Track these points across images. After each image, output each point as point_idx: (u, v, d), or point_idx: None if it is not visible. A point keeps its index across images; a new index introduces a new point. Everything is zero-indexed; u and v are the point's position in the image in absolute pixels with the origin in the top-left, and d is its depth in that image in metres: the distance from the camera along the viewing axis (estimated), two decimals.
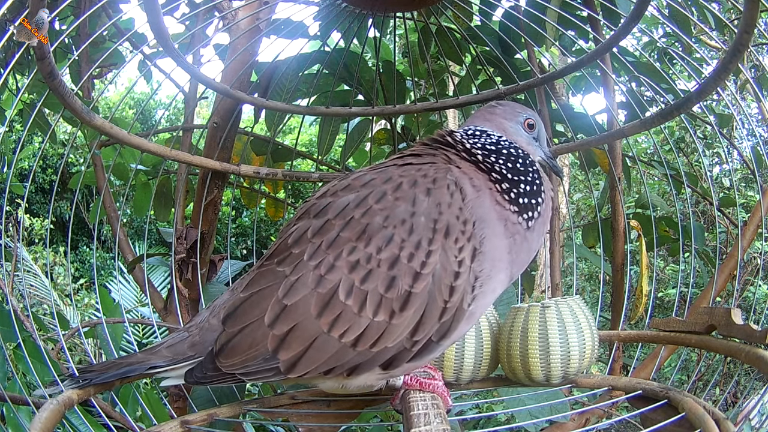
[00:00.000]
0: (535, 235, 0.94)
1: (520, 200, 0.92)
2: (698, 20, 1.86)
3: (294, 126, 5.24)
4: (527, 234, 0.92)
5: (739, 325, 1.01)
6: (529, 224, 0.92)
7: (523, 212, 0.92)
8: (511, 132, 1.00)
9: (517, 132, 1.00)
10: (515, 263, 0.92)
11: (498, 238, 0.89)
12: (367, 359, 0.85)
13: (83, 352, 3.88)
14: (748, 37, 0.90)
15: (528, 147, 1.00)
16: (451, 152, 0.96)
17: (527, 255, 0.94)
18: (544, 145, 1.04)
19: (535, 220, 0.93)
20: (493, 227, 0.88)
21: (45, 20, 0.82)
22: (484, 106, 1.07)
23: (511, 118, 1.01)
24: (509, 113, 1.02)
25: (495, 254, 0.88)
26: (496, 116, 1.02)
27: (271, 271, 0.89)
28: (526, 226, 0.92)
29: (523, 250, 0.92)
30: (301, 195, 5.24)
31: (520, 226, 0.91)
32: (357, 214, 0.86)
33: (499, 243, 0.89)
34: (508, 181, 0.93)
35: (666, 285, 5.24)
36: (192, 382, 0.91)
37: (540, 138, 1.03)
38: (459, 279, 0.84)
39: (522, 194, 0.92)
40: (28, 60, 2.08)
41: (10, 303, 1.56)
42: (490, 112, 1.03)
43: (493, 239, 0.88)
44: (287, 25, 1.64)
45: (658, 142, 4.04)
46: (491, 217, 0.89)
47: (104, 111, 6.30)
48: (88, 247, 7.61)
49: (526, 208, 0.92)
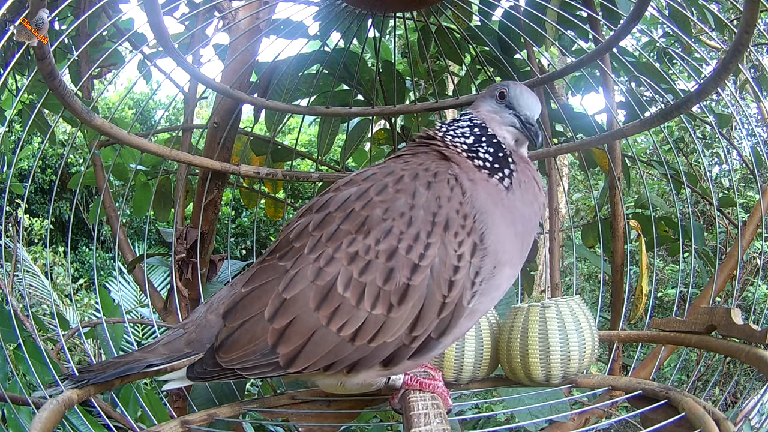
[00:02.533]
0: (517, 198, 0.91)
1: (488, 164, 0.92)
2: (698, 20, 1.86)
3: (294, 126, 5.24)
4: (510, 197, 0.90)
5: (739, 325, 1.01)
6: (505, 183, 0.91)
7: (494, 172, 0.91)
8: (483, 110, 1.00)
9: (488, 106, 1.00)
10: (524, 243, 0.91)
11: (499, 227, 0.88)
12: (366, 355, 0.85)
13: (83, 353, 3.88)
14: (748, 37, 0.90)
15: (492, 116, 0.98)
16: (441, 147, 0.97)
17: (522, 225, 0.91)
18: (523, 110, 0.98)
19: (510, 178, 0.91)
20: (494, 217, 0.87)
21: (45, 20, 0.82)
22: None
23: (487, 96, 1.01)
24: (487, 92, 1.02)
25: (499, 246, 0.87)
26: (478, 99, 1.03)
27: (272, 266, 0.89)
28: (503, 186, 0.90)
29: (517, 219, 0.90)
30: (301, 195, 5.24)
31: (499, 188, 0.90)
32: (357, 206, 0.87)
33: (503, 231, 0.88)
34: (473, 151, 0.94)
35: (665, 285, 5.24)
36: (192, 378, 0.91)
37: (515, 104, 0.98)
38: (458, 273, 0.84)
39: (485, 159, 0.92)
40: (27, 60, 2.08)
41: (10, 303, 1.56)
42: (477, 96, 1.04)
43: (496, 230, 0.87)
44: (287, 25, 1.64)
45: (657, 142, 4.04)
46: (487, 202, 0.88)
47: (104, 111, 6.30)
48: (87, 248, 7.60)
49: (494, 169, 0.92)
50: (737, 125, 2.99)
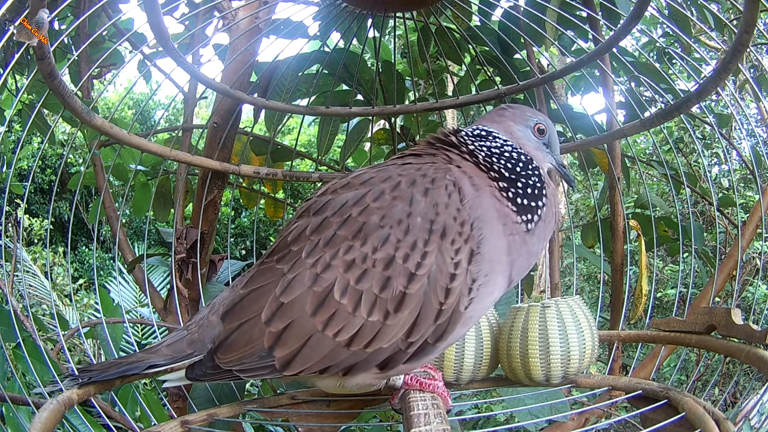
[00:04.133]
0: (535, 239, 0.92)
1: (519, 200, 0.90)
2: (698, 20, 1.86)
3: (293, 126, 5.24)
4: (527, 237, 0.90)
5: (739, 325, 1.01)
6: (529, 227, 0.90)
7: (522, 213, 0.90)
8: (518, 136, 0.98)
9: (525, 136, 0.98)
10: (514, 266, 0.90)
11: (497, 239, 0.87)
12: (361, 359, 0.85)
13: (83, 353, 3.88)
14: (748, 37, 0.90)
15: (535, 152, 0.98)
16: (453, 152, 0.95)
17: (527, 260, 0.92)
18: (556, 152, 1.01)
19: (536, 223, 0.91)
20: (493, 227, 0.87)
21: (45, 20, 0.82)
22: (495, 108, 1.05)
23: (520, 121, 0.99)
24: (519, 116, 1.00)
25: (493, 256, 0.87)
26: (505, 119, 1.00)
27: (270, 268, 0.89)
28: (525, 228, 0.90)
29: (523, 254, 0.91)
30: (301, 195, 5.24)
31: (519, 226, 0.89)
32: (354, 212, 0.86)
33: (498, 243, 0.88)
34: (506, 179, 0.91)
35: (665, 285, 5.24)
36: (192, 378, 0.91)
37: (551, 144, 1.00)
38: (455, 281, 0.84)
39: (521, 195, 0.91)
40: (27, 60, 2.08)
41: (10, 303, 1.56)
42: (499, 114, 1.01)
43: (492, 240, 0.87)
44: (287, 25, 1.63)
45: (657, 142, 4.04)
46: (491, 217, 0.88)
47: (103, 111, 6.30)
48: (87, 248, 7.60)
49: (526, 209, 0.90)
50: (737, 125, 2.99)
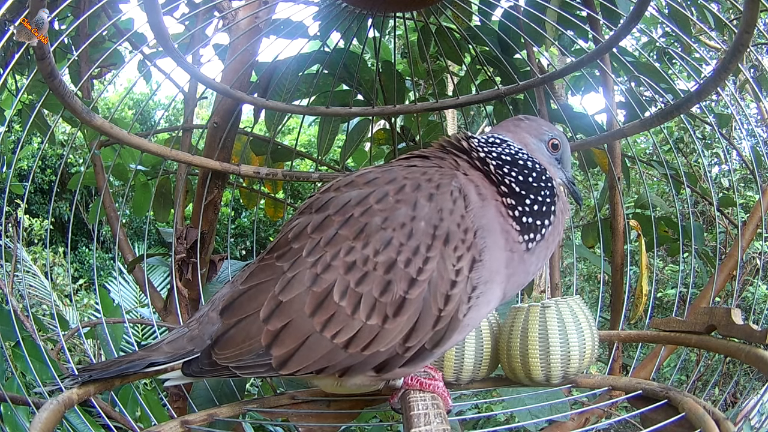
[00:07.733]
0: (534, 258, 0.91)
1: (524, 219, 0.89)
2: (698, 20, 1.86)
3: (294, 126, 5.24)
4: (525, 256, 0.89)
5: (739, 325, 1.00)
6: (529, 246, 0.89)
7: (524, 233, 0.89)
8: (533, 148, 0.97)
9: (539, 149, 0.97)
10: (510, 281, 0.90)
11: (498, 250, 0.87)
12: (358, 362, 0.85)
13: (83, 353, 3.88)
14: (748, 37, 0.90)
15: (548, 167, 0.96)
16: (462, 158, 0.94)
17: (523, 277, 0.92)
18: (568, 170, 1.00)
19: (537, 243, 0.90)
20: (495, 238, 0.87)
21: (45, 20, 0.82)
22: (511, 118, 1.03)
23: (535, 134, 0.98)
24: (534, 129, 0.99)
25: (494, 266, 0.86)
26: (521, 129, 0.99)
27: (270, 265, 0.89)
28: (525, 248, 0.89)
29: (519, 271, 0.90)
30: (301, 195, 5.24)
31: (519, 246, 0.89)
32: (357, 212, 0.86)
33: (499, 255, 0.87)
34: (515, 195, 0.90)
35: (665, 285, 5.24)
36: (188, 374, 0.90)
37: (563, 161, 1.00)
38: (455, 288, 0.83)
39: (527, 213, 0.89)
40: (27, 60, 2.08)
41: (10, 303, 1.56)
42: (515, 124, 1.00)
43: (494, 250, 0.86)
44: (287, 25, 1.63)
45: (657, 142, 4.04)
46: (494, 228, 0.87)
47: (103, 111, 6.30)
48: (87, 248, 7.60)
49: (529, 229, 0.89)
50: (737, 125, 2.99)
